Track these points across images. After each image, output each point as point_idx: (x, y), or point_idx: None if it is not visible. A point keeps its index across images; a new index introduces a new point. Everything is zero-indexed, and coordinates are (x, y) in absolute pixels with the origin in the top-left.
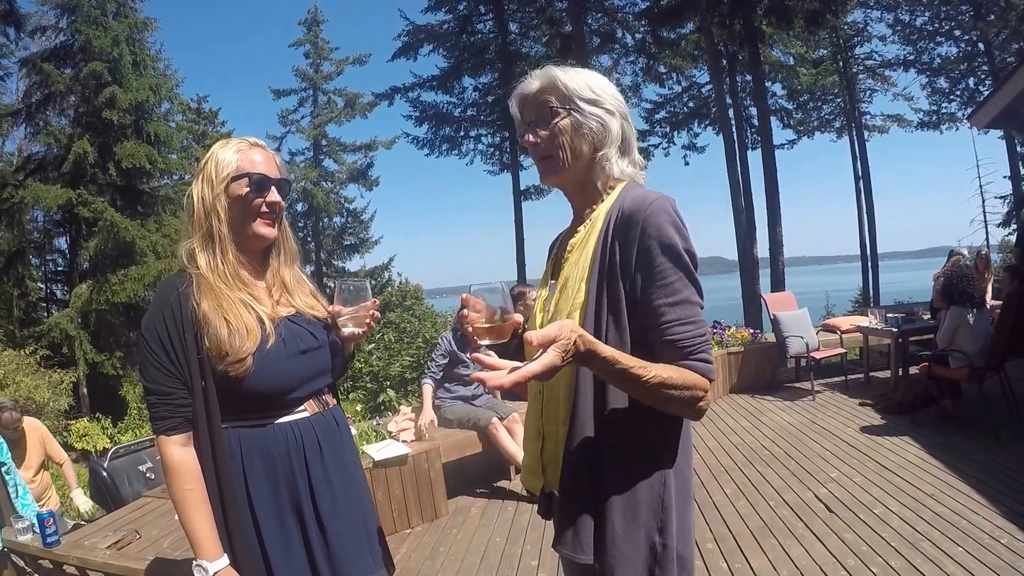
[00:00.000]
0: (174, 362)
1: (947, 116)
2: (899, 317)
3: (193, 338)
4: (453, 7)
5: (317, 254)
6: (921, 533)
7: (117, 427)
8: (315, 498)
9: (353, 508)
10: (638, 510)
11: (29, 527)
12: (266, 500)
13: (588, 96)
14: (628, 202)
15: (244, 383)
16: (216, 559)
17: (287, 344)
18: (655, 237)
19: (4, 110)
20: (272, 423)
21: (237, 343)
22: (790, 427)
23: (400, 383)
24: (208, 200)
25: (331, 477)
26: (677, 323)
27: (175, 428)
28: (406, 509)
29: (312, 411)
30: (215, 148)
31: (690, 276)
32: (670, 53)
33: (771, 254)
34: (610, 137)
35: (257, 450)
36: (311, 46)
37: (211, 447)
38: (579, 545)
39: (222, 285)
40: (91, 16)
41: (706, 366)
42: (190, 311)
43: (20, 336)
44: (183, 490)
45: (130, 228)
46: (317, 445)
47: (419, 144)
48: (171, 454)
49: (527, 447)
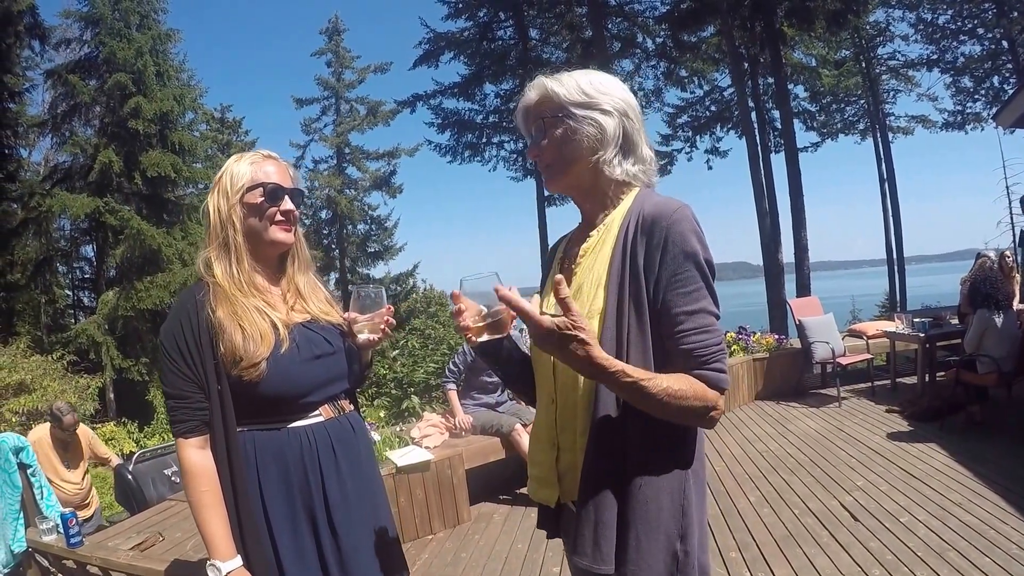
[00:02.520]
0: (191, 367)
1: (972, 116)
2: (926, 322)
3: (209, 344)
4: (473, 14)
5: (341, 261)
6: (948, 542)
7: (143, 431)
8: (328, 504)
9: (367, 515)
10: (660, 517)
11: (53, 527)
12: (279, 504)
13: (579, 100)
14: (649, 208)
15: (258, 387)
16: (229, 559)
17: (301, 349)
18: (679, 244)
19: (30, 121)
20: (286, 427)
21: (251, 349)
22: (816, 434)
23: (424, 390)
24: (224, 211)
25: (345, 483)
26: (693, 332)
27: (192, 431)
28: (428, 515)
29: (327, 416)
30: (229, 162)
31: (709, 286)
32: (691, 57)
33: (796, 258)
34: (607, 138)
35: (271, 453)
36: (333, 55)
37: (226, 450)
38: (599, 556)
39: (237, 292)
40: (114, 28)
41: (719, 376)
42: (206, 318)
43: (48, 342)
44: (199, 492)
45: (156, 236)
46: (331, 450)
47: (442, 151)
48: (188, 456)
49: (537, 458)
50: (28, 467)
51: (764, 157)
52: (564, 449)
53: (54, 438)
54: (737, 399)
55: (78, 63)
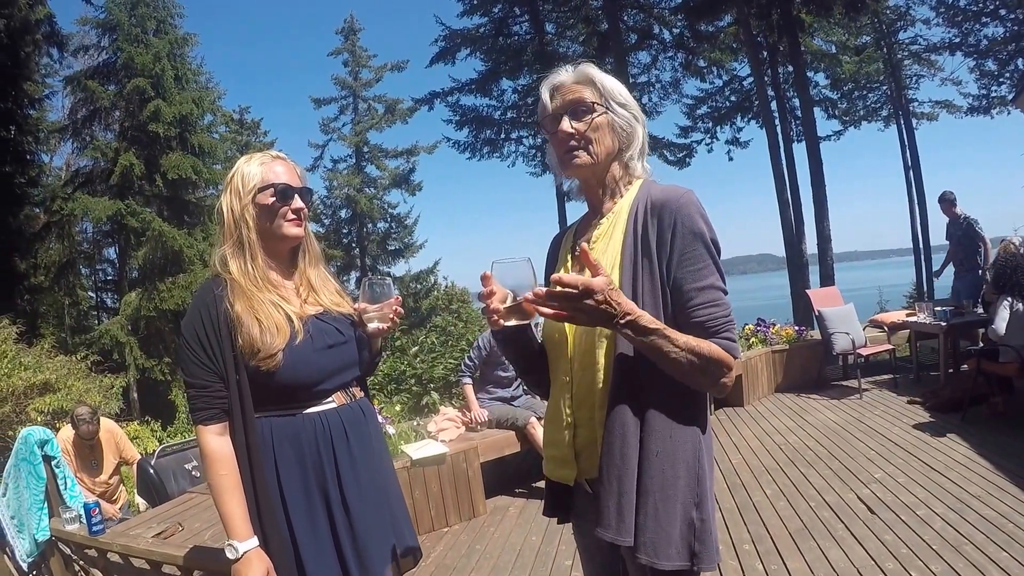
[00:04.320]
0: (211, 357)
1: (997, 100)
2: (947, 311)
3: (228, 336)
4: (488, 10)
5: (362, 259)
6: (965, 536)
7: (166, 430)
8: (341, 482)
9: (379, 492)
10: (676, 486)
11: (76, 517)
12: (295, 483)
13: (620, 99)
14: (657, 193)
15: (275, 376)
16: (246, 539)
17: (315, 340)
18: (687, 225)
19: (51, 127)
20: (301, 413)
21: (268, 341)
22: (835, 426)
23: (444, 386)
24: (237, 210)
25: (357, 463)
26: (704, 305)
27: (212, 418)
28: (444, 508)
29: (340, 402)
30: (240, 163)
31: (716, 263)
32: (709, 47)
33: (819, 249)
34: (636, 140)
35: (287, 438)
36: (349, 54)
37: (244, 435)
38: (623, 527)
39: (253, 288)
40: (132, 34)
41: (731, 344)
42: (224, 311)
43: (72, 343)
44: (218, 476)
45: (177, 237)
46: (344, 433)
47: (460, 148)
48: (208, 442)
49: (552, 438)
50: (52, 459)
51: (785, 147)
52: (581, 425)
53: (78, 439)
54: (756, 392)
55: (97, 69)
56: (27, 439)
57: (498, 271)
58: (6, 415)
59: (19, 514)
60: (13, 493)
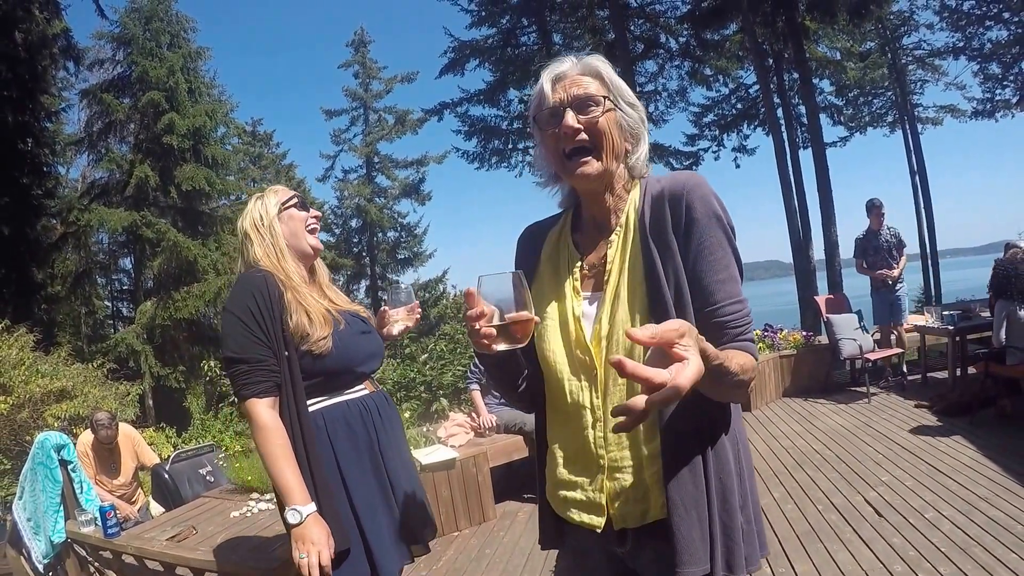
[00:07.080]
0: (265, 332)
1: (1002, 103)
2: (955, 314)
3: (280, 316)
4: (496, 21)
5: (372, 268)
6: (973, 538)
7: (181, 437)
8: (385, 459)
9: (412, 475)
10: (733, 494)
11: (92, 520)
12: (351, 459)
13: (629, 99)
14: (664, 181)
15: (324, 360)
16: (307, 504)
17: (351, 326)
18: (701, 209)
19: (67, 139)
20: (345, 400)
21: (318, 329)
22: (843, 430)
23: (453, 392)
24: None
25: (396, 444)
26: (725, 303)
27: (266, 392)
28: (454, 512)
29: (370, 390)
30: (253, 202)
31: (734, 250)
32: (715, 55)
33: (827, 255)
34: (642, 145)
35: (338, 418)
36: (359, 66)
37: (296, 411)
38: (715, 556)
39: (297, 281)
40: (146, 48)
41: (754, 346)
42: (278, 294)
43: (88, 351)
44: (273, 445)
45: (192, 247)
46: (380, 416)
47: (469, 158)
48: (261, 414)
49: (574, 480)
50: (69, 463)
51: (792, 153)
52: (619, 469)
53: (97, 443)
54: (764, 396)
55: (112, 82)
56: (44, 443)
57: (487, 286)
58: (24, 421)
59: (35, 516)
60: (30, 496)
